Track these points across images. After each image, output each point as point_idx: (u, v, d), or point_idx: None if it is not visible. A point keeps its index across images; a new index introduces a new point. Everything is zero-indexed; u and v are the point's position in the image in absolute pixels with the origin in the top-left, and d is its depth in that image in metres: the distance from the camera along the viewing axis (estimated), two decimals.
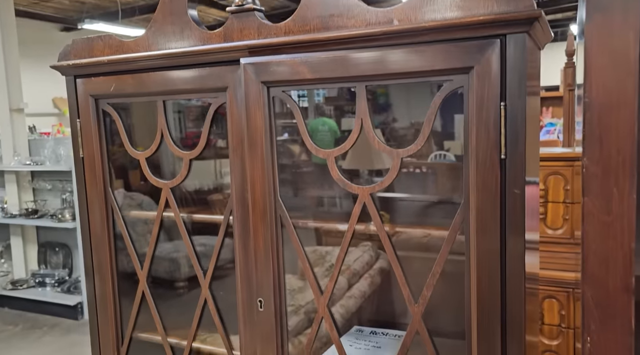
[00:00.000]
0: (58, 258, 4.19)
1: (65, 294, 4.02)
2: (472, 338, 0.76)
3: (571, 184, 2.62)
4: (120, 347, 1.08)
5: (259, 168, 0.85)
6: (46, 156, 4.00)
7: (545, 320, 2.69)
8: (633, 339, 0.59)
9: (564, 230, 2.64)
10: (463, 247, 0.75)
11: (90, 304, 1.07)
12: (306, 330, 1.35)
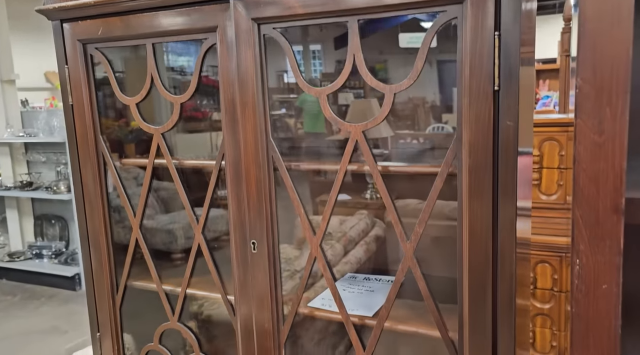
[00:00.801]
0: (54, 230, 4.20)
1: (62, 265, 4.04)
2: (464, 303, 0.77)
3: (566, 150, 2.62)
4: (115, 295, 1.09)
5: (250, 109, 0.84)
6: (39, 128, 3.96)
7: (538, 284, 2.73)
8: (621, 259, 0.60)
9: (557, 196, 2.65)
10: (455, 213, 0.76)
11: (84, 248, 1.07)
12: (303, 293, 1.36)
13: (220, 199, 1.07)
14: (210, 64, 1.31)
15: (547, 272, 2.73)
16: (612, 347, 0.60)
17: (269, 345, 0.91)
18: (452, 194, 0.78)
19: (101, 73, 1.01)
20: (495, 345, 0.76)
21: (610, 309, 0.60)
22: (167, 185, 1.42)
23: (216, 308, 1.28)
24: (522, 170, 0.77)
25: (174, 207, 1.40)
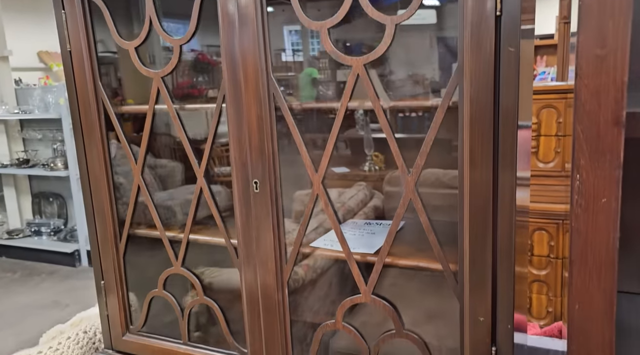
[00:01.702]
0: (52, 208, 4.19)
1: (61, 242, 4.04)
2: (464, 268, 0.78)
3: (564, 117, 2.62)
4: (118, 244, 1.09)
5: (250, 43, 0.84)
6: (34, 105, 3.93)
7: (535, 251, 2.76)
8: (621, 173, 0.60)
9: (555, 163, 2.67)
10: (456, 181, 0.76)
11: (85, 191, 1.07)
12: (302, 261, 1.37)
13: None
14: (207, 43, 1.31)
15: (544, 239, 2.76)
16: (610, 261, 0.61)
17: (271, 283, 0.92)
18: (452, 163, 0.78)
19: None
20: (495, 307, 0.78)
21: (609, 223, 0.61)
22: (165, 163, 1.42)
23: (217, 276, 1.29)
24: (521, 144, 0.78)
25: (172, 184, 1.40)
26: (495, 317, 0.79)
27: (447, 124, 1.29)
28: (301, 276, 1.25)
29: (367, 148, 1.50)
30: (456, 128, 0.77)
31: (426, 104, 0.95)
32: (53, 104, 3.83)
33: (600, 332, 0.64)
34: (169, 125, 1.41)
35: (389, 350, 0.91)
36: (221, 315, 1.03)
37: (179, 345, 1.07)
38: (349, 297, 0.89)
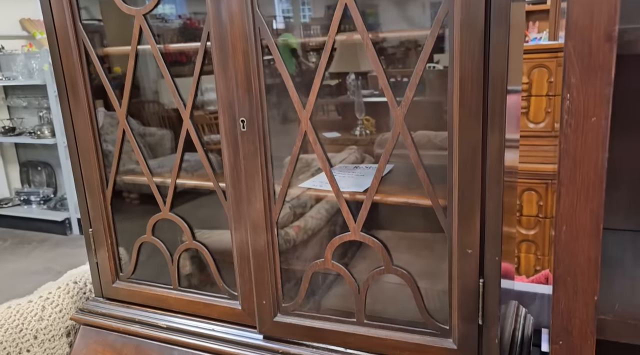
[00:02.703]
0: (41, 177, 4.15)
1: (51, 210, 4.02)
2: (453, 203, 0.78)
3: (555, 76, 2.61)
4: (105, 190, 1.08)
5: None
6: (18, 71, 3.84)
7: (524, 211, 2.79)
8: (612, 91, 0.60)
9: (545, 123, 2.67)
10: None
11: (69, 137, 1.05)
12: (292, 222, 1.37)
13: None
14: (194, 10, 1.27)
15: (533, 200, 2.79)
16: (598, 181, 0.61)
17: (260, 223, 0.92)
18: (443, 125, 0.78)
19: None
20: (483, 240, 0.78)
21: (598, 142, 0.61)
22: (154, 131, 1.40)
23: (208, 237, 1.29)
24: (510, 109, 0.77)
25: (162, 152, 1.39)
26: (483, 249, 0.79)
27: (437, 88, 1.29)
28: (292, 237, 1.26)
29: (358, 112, 1.49)
30: (446, 92, 0.76)
31: (416, 34, 0.93)
32: (37, 70, 3.75)
33: (587, 253, 0.64)
34: (158, 92, 1.38)
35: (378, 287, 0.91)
36: (211, 259, 1.03)
37: (170, 291, 1.07)
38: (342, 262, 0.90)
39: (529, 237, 2.78)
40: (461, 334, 0.83)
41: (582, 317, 0.66)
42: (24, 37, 4.44)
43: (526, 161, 2.68)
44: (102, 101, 1.09)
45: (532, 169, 2.67)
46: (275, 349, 0.96)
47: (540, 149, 2.68)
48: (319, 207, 1.53)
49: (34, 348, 1.11)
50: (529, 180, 2.71)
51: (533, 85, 2.67)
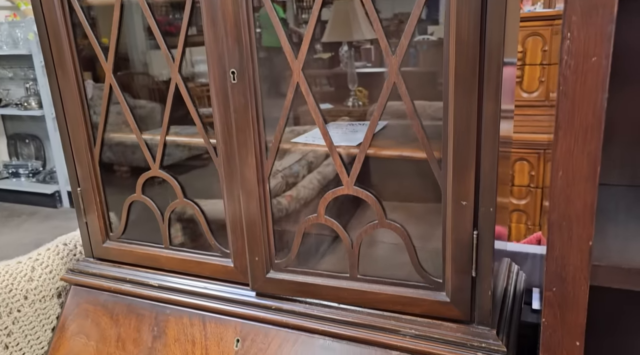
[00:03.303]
0: (29, 150, 4.09)
1: (41, 183, 3.98)
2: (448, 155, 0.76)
3: (549, 45, 2.58)
4: (93, 148, 1.06)
5: None
6: (2, 41, 3.74)
7: (516, 181, 2.80)
8: (613, 28, 0.58)
9: (539, 92, 2.65)
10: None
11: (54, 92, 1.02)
12: (284, 192, 1.35)
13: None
14: None
15: (525, 169, 2.79)
16: (596, 123, 0.60)
17: (252, 179, 0.90)
18: (437, 95, 0.77)
19: None
20: (478, 192, 0.77)
21: (598, 83, 0.59)
22: (144, 103, 1.37)
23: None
24: (506, 81, 0.76)
25: (152, 125, 1.37)
26: (478, 201, 0.78)
27: (431, 59, 1.26)
28: (285, 206, 1.25)
29: (350, 83, 1.47)
30: (441, 63, 0.75)
31: None
32: (22, 39, 3.65)
33: (583, 198, 0.63)
34: (147, 64, 1.35)
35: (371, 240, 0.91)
36: (202, 216, 1.01)
37: (161, 250, 1.06)
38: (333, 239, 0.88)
39: (520, 207, 2.80)
40: (454, 287, 0.83)
41: (576, 263, 0.66)
42: (8, 8, 4.31)
43: (519, 131, 2.67)
44: (91, 73, 1.06)
45: (525, 138, 2.67)
46: (268, 305, 0.96)
47: (533, 118, 2.68)
48: (310, 177, 1.52)
49: (24, 308, 1.10)
50: (521, 150, 2.71)
51: (527, 54, 2.64)
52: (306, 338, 0.92)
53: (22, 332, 1.09)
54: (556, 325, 0.68)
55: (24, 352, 1.09)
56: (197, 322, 0.99)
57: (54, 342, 1.08)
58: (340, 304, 0.92)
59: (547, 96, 2.64)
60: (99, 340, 1.05)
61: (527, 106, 2.67)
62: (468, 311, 0.84)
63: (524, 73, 2.66)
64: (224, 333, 0.97)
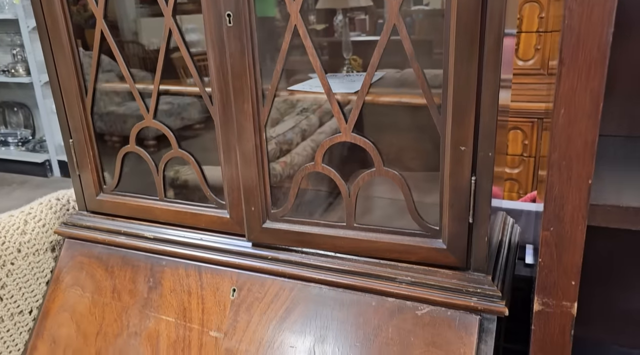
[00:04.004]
0: (18, 118, 4.02)
1: (30, 152, 3.93)
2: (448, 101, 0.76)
3: (546, 11, 2.56)
4: (84, 98, 1.03)
5: None
6: None
7: (509, 150, 2.80)
8: None
9: (534, 60, 2.64)
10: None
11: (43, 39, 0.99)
12: (279, 158, 1.34)
13: None
14: None
15: (519, 138, 2.79)
16: (601, 58, 0.59)
17: (248, 127, 0.89)
18: (432, 64, 0.77)
19: None
20: (477, 137, 0.76)
21: (604, 16, 0.58)
22: (135, 73, 1.33)
23: (192, 174, 1.27)
24: (505, 52, 0.75)
25: (144, 94, 1.35)
26: (477, 146, 0.78)
27: (426, 28, 1.23)
28: (279, 172, 1.24)
29: (345, 51, 1.45)
30: (437, 32, 0.74)
31: None
32: (7, 3, 3.54)
33: (584, 136, 0.63)
34: (137, 33, 1.31)
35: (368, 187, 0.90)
36: (197, 167, 1.00)
37: (156, 202, 1.05)
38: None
39: (512, 176, 2.81)
40: (451, 234, 0.83)
41: (574, 203, 0.66)
42: None
43: (514, 100, 2.66)
44: (80, 41, 1.03)
45: (519, 107, 2.66)
46: (264, 255, 0.96)
47: (528, 87, 2.66)
48: (304, 144, 1.51)
49: (18, 261, 1.09)
50: (515, 119, 2.71)
51: (523, 21, 2.61)
52: (302, 287, 0.92)
53: (17, 285, 1.09)
54: (552, 265, 0.69)
55: (18, 304, 1.09)
56: (193, 273, 0.99)
57: (49, 294, 1.08)
58: (336, 253, 0.92)
59: (543, 64, 2.63)
60: (95, 292, 1.05)
61: (523, 74, 2.66)
62: (464, 258, 0.84)
63: (520, 40, 2.64)
64: (220, 283, 0.97)
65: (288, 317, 0.91)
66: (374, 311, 0.87)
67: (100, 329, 1.02)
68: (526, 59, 2.65)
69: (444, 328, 0.83)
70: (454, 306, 0.83)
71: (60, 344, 1.03)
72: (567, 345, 0.72)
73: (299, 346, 0.89)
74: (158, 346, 0.97)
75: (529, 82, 2.65)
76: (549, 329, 0.72)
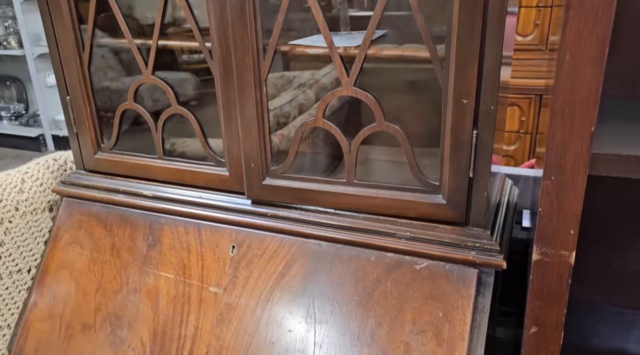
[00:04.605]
0: (11, 92, 3.97)
1: (24, 126, 3.89)
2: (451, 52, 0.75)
3: None
4: (81, 54, 1.02)
5: None
6: None
7: (506, 127, 2.80)
8: None
9: (533, 36, 2.62)
10: None
11: None
12: (276, 131, 1.33)
13: None
14: None
15: (516, 115, 2.79)
16: (608, 2, 0.59)
17: (248, 81, 0.88)
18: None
19: None
20: (479, 90, 0.76)
21: None
22: (129, 47, 1.31)
23: (189, 145, 1.26)
24: (507, 31, 0.74)
25: (138, 70, 1.33)
26: (479, 99, 0.77)
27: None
28: (276, 144, 1.23)
29: (343, 26, 1.43)
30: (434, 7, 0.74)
31: None
32: None
33: (588, 83, 0.63)
34: (131, 7, 1.28)
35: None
36: (197, 125, 0.99)
37: (154, 160, 1.05)
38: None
39: (508, 152, 2.82)
40: (451, 189, 0.83)
41: (576, 151, 0.66)
42: None
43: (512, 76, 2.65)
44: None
45: (517, 83, 2.66)
46: (264, 212, 0.96)
47: (526, 63, 2.65)
48: (301, 118, 1.50)
49: (15, 219, 1.08)
50: (512, 95, 2.71)
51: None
52: (302, 243, 0.92)
53: (15, 243, 1.08)
54: (552, 214, 0.69)
55: (17, 263, 1.09)
56: (192, 231, 0.99)
57: (48, 252, 1.08)
58: (336, 210, 0.92)
59: (542, 40, 2.61)
60: (93, 250, 1.05)
61: (521, 50, 2.64)
62: (463, 213, 0.84)
63: (519, 15, 2.62)
64: (219, 240, 0.97)
65: (287, 272, 0.92)
66: (373, 266, 0.88)
67: (99, 286, 1.02)
68: (525, 34, 2.64)
69: (442, 281, 0.84)
70: (453, 260, 0.84)
71: (60, 300, 1.03)
72: (564, 295, 0.73)
73: (297, 300, 0.89)
74: (157, 302, 0.97)
75: (527, 58, 2.64)
76: (547, 279, 0.73)
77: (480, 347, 0.81)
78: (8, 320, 1.08)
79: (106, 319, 0.99)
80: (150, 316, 0.97)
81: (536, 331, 0.76)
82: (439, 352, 0.81)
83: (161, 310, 0.97)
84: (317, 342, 0.86)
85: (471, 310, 0.82)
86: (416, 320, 0.83)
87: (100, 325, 0.99)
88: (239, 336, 0.91)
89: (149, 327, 0.96)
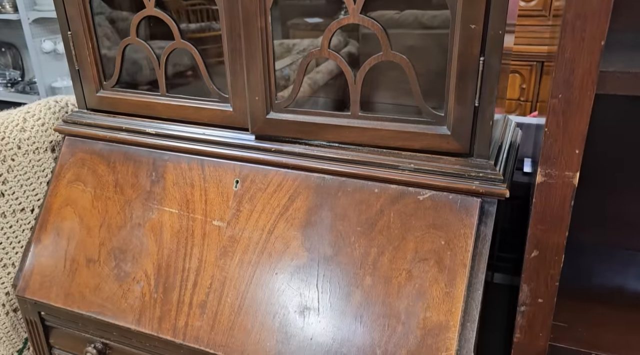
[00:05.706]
0: (6, 59, 3.91)
1: (20, 93, 3.85)
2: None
3: None
4: None
5: None
6: None
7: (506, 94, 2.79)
8: None
9: (537, 1, 2.60)
10: None
11: None
12: (277, 92, 1.31)
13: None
14: None
15: (517, 82, 2.78)
16: None
17: (253, 9, 0.87)
18: (430, 5, 0.76)
19: None
20: (488, 14, 0.75)
21: None
22: (126, 16, 1.28)
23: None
24: (510, 3, 0.73)
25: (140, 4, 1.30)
26: (487, 24, 0.77)
27: None
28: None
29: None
30: None
31: None
32: None
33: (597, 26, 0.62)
34: None
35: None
36: (200, 60, 0.99)
37: (157, 97, 1.04)
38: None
39: None
40: (456, 119, 0.83)
41: (585, 66, 0.66)
42: None
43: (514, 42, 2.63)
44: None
45: (519, 50, 2.64)
46: (268, 147, 0.96)
47: (529, 29, 2.63)
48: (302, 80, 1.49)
49: (18, 157, 1.08)
50: (513, 62, 2.69)
51: None
52: (306, 177, 0.93)
53: (18, 182, 1.08)
54: (558, 133, 0.69)
55: (20, 201, 1.09)
56: (196, 167, 1.00)
57: (51, 190, 1.08)
58: (340, 144, 0.92)
59: (545, 5, 2.59)
60: (97, 187, 1.05)
61: (524, 16, 2.62)
62: (467, 144, 0.85)
63: None
64: (223, 175, 0.98)
65: (291, 205, 0.92)
66: (376, 197, 0.88)
67: (103, 221, 1.02)
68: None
69: (445, 211, 0.85)
70: (456, 190, 0.84)
71: (64, 236, 1.04)
72: (566, 217, 0.74)
73: (301, 231, 0.90)
74: (162, 236, 0.98)
75: (530, 24, 2.62)
76: (550, 201, 0.73)
77: (482, 273, 0.82)
78: (13, 258, 1.09)
79: (110, 253, 1.00)
80: (155, 250, 0.97)
81: (537, 255, 0.77)
82: (440, 278, 0.82)
83: (165, 244, 0.97)
84: (320, 271, 0.87)
85: (473, 238, 0.83)
86: (418, 248, 0.84)
87: (104, 259, 1.00)
88: (242, 267, 0.91)
89: (153, 261, 0.97)
